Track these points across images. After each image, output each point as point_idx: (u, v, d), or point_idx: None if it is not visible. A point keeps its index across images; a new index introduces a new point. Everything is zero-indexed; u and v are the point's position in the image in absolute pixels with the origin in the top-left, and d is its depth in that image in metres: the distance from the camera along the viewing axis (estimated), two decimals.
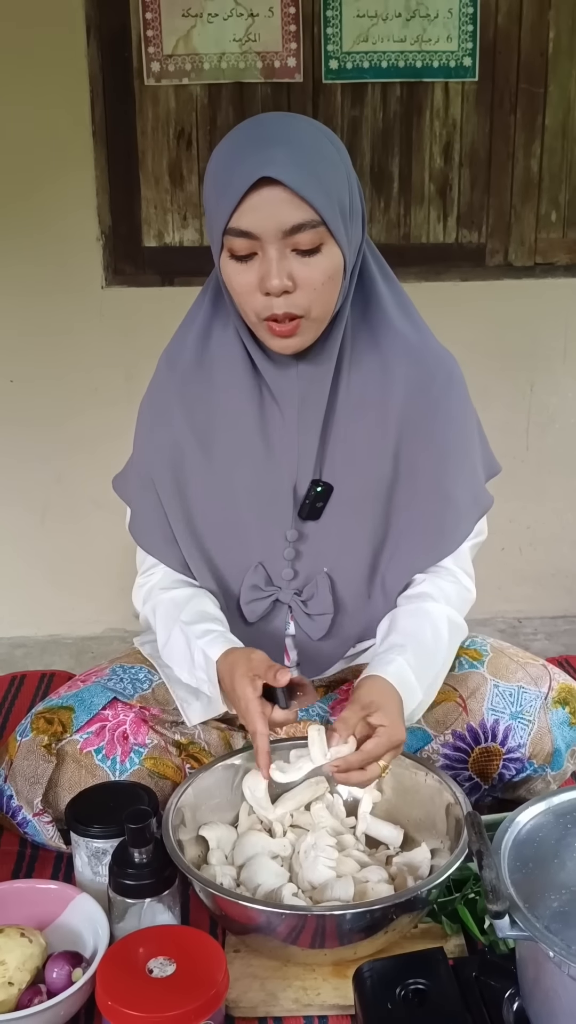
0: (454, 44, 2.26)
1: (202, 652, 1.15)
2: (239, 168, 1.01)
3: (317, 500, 1.20)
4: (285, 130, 1.04)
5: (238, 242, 1.04)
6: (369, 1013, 0.90)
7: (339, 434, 1.19)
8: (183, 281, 2.31)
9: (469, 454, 1.24)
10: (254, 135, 1.03)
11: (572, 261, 2.41)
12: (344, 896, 1.04)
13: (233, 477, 1.21)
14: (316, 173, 1.02)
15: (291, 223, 1.01)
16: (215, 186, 1.05)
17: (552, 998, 0.79)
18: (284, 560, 1.23)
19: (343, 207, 1.05)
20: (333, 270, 1.06)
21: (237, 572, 1.24)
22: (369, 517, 1.21)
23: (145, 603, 1.29)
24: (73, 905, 1.06)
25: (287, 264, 1.04)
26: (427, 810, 1.14)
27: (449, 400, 1.20)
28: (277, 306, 1.05)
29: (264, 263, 1.04)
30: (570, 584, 2.65)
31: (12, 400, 2.44)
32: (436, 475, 1.20)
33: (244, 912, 0.98)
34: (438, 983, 0.91)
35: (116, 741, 1.23)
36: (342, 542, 1.22)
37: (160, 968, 0.92)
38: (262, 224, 1.02)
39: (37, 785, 1.20)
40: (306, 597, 1.24)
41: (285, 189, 1.00)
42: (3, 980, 0.95)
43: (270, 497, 1.21)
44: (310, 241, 1.03)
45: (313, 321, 1.09)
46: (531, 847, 0.89)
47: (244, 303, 1.09)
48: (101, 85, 2.27)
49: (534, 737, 1.25)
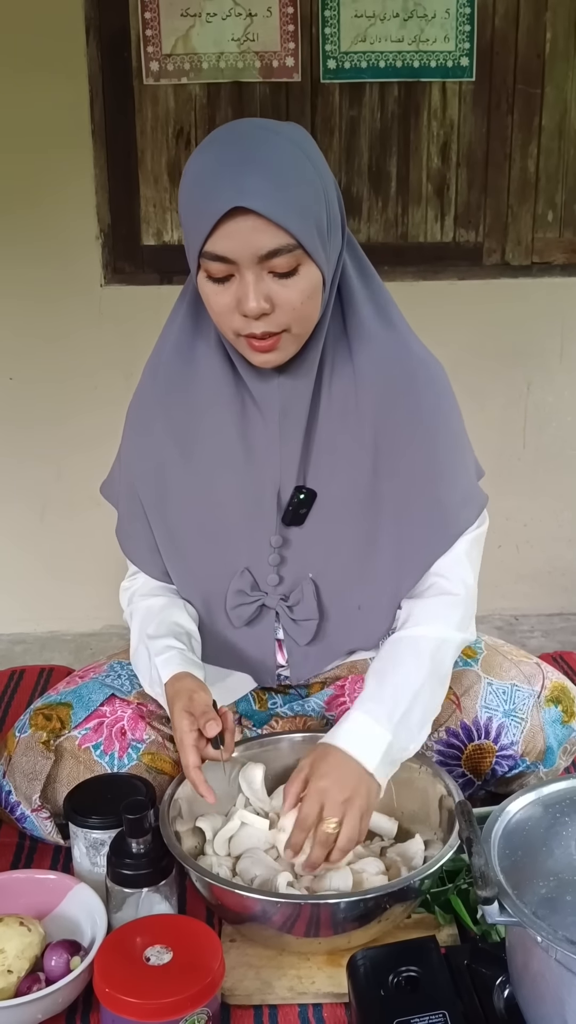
0: (451, 44, 2.27)
1: (156, 670, 1.17)
2: (213, 194, 0.98)
3: (300, 506, 1.19)
4: (258, 150, 1.00)
5: (214, 266, 1.02)
6: (362, 1000, 0.92)
7: (321, 441, 1.18)
8: (182, 280, 2.27)
9: (457, 453, 1.22)
10: (228, 156, 1.00)
11: (568, 261, 2.42)
12: (343, 886, 1.06)
13: (216, 484, 1.20)
14: (291, 197, 0.99)
15: (267, 249, 0.99)
16: (190, 207, 1.03)
17: (540, 982, 0.80)
18: (269, 565, 1.22)
19: (320, 225, 1.03)
20: (311, 289, 1.04)
21: (223, 578, 1.24)
22: (354, 522, 1.20)
23: (127, 606, 1.32)
24: (71, 895, 1.08)
25: (264, 286, 1.02)
26: (421, 802, 1.16)
27: (430, 402, 1.18)
28: (255, 327, 1.04)
29: (241, 286, 1.02)
30: (566, 582, 2.66)
31: (11, 398, 2.45)
32: (422, 479, 1.18)
33: (240, 901, 0.99)
34: (430, 971, 0.93)
35: (114, 737, 1.24)
36: (327, 548, 1.21)
37: (157, 956, 0.94)
38: (237, 250, 1.00)
39: (35, 781, 1.22)
40: (292, 602, 1.23)
41: (259, 216, 0.98)
42: (2, 968, 0.97)
43: (254, 503, 1.20)
44: (287, 264, 1.01)
45: (294, 336, 1.07)
46: (520, 836, 0.90)
47: (222, 322, 1.07)
48: (100, 85, 2.28)
49: (527, 735, 1.26)
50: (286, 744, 1.24)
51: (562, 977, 0.77)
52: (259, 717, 1.33)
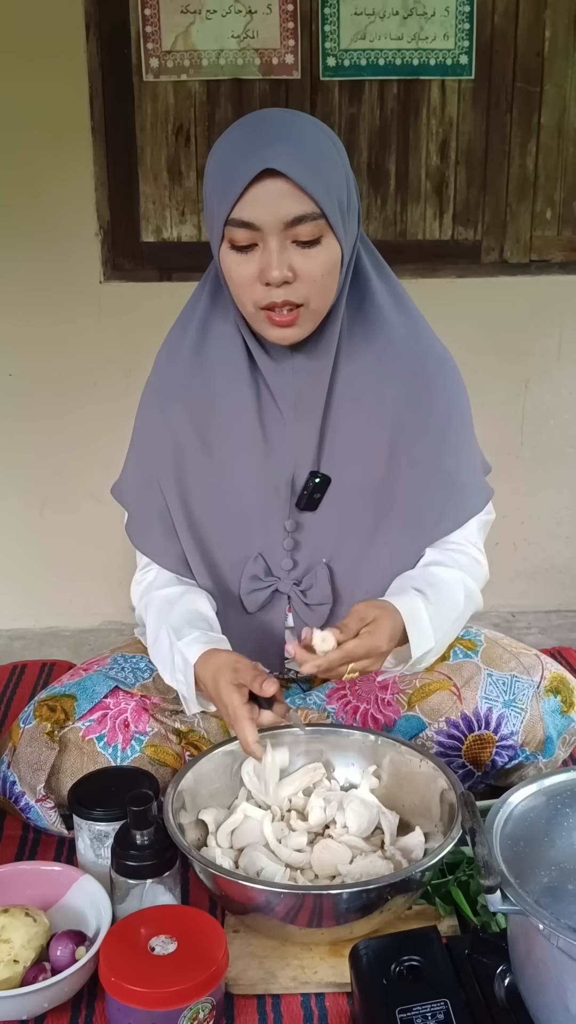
0: (451, 42, 2.28)
1: (181, 655, 1.16)
2: (243, 160, 1.03)
3: (315, 491, 1.22)
4: (287, 126, 1.06)
5: (239, 233, 1.06)
6: (365, 989, 0.93)
7: (336, 426, 1.21)
8: (181, 276, 2.33)
9: (466, 438, 1.27)
10: (256, 130, 1.06)
11: (567, 259, 2.43)
12: (340, 864, 1.07)
13: (232, 469, 1.23)
14: (317, 168, 1.04)
15: (293, 215, 1.04)
16: (218, 177, 1.07)
17: (542, 971, 0.81)
18: (283, 550, 1.25)
19: (341, 202, 1.08)
20: (332, 263, 1.09)
21: (237, 563, 1.26)
22: (368, 507, 1.23)
23: (140, 600, 1.32)
24: (76, 886, 1.08)
25: (287, 255, 1.06)
26: (422, 796, 1.17)
27: (443, 387, 1.23)
28: (277, 295, 1.07)
29: (265, 254, 1.06)
30: (564, 579, 2.67)
31: (11, 394, 2.46)
32: (436, 462, 1.22)
33: (243, 892, 1.00)
34: (432, 960, 0.94)
35: (117, 729, 1.25)
36: (340, 532, 1.24)
37: (162, 946, 0.95)
38: (264, 215, 1.04)
39: (40, 771, 1.22)
40: (305, 587, 1.26)
41: (287, 181, 1.02)
42: (9, 958, 0.97)
43: (269, 488, 1.23)
44: (310, 233, 1.05)
45: (312, 312, 1.11)
46: (522, 826, 0.91)
47: (243, 294, 1.10)
48: (100, 81, 2.28)
49: (526, 725, 1.28)
50: (289, 739, 1.25)
51: (564, 965, 0.78)
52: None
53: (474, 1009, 0.90)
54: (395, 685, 1.32)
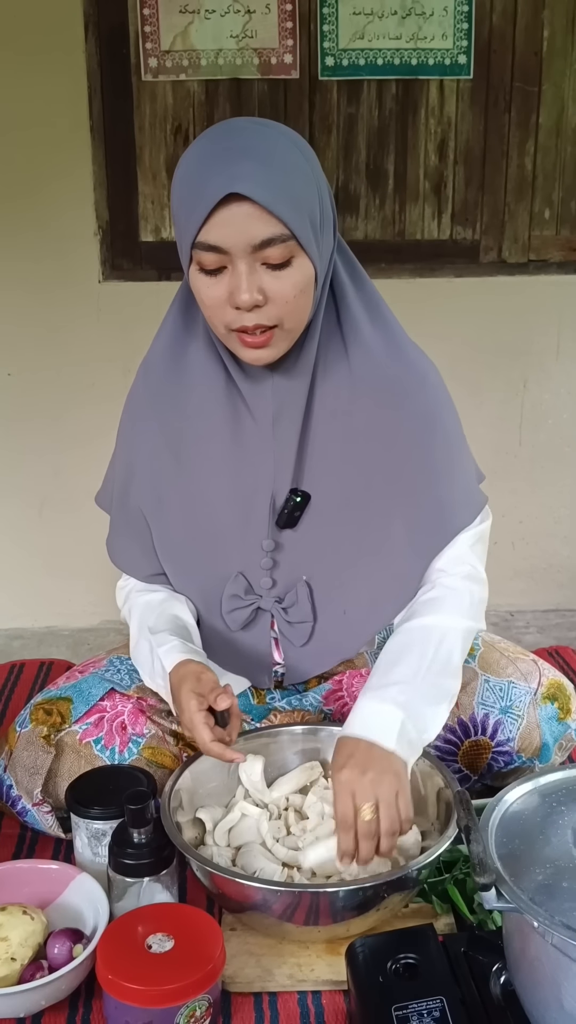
0: (449, 42, 2.28)
1: (159, 661, 1.17)
2: (207, 181, 0.98)
3: (295, 509, 1.19)
4: (253, 141, 1.00)
5: (207, 256, 1.01)
6: (361, 987, 0.93)
7: (315, 444, 1.18)
8: (180, 276, 2.30)
9: (454, 452, 1.22)
10: (222, 147, 1.00)
11: (565, 258, 2.43)
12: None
13: (207, 488, 1.20)
14: (285, 187, 0.99)
15: (260, 238, 0.99)
16: (183, 198, 1.02)
17: (537, 968, 0.82)
18: (262, 569, 1.23)
19: (313, 219, 1.03)
20: (304, 283, 1.04)
21: (218, 581, 1.25)
22: (348, 525, 1.20)
23: (124, 604, 1.32)
24: (74, 884, 1.09)
25: (257, 278, 1.01)
26: (418, 794, 1.17)
27: (425, 404, 1.18)
28: (248, 319, 1.03)
29: (234, 277, 1.01)
30: (562, 578, 2.67)
31: (10, 394, 2.46)
32: (418, 480, 1.18)
33: (240, 890, 1.00)
34: (428, 958, 0.94)
35: (114, 731, 1.25)
36: (320, 550, 1.21)
37: (159, 944, 0.95)
38: (231, 239, 0.99)
39: (37, 775, 1.22)
40: (287, 605, 1.24)
41: (254, 204, 0.97)
42: (6, 956, 0.98)
43: (246, 507, 1.20)
44: (280, 255, 1.01)
45: (286, 332, 1.07)
46: (518, 824, 0.92)
47: (214, 316, 1.06)
48: (99, 81, 2.28)
49: (523, 732, 1.27)
50: (285, 737, 1.25)
51: (558, 961, 0.78)
52: (257, 712, 1.34)
53: (470, 1006, 0.90)
54: None
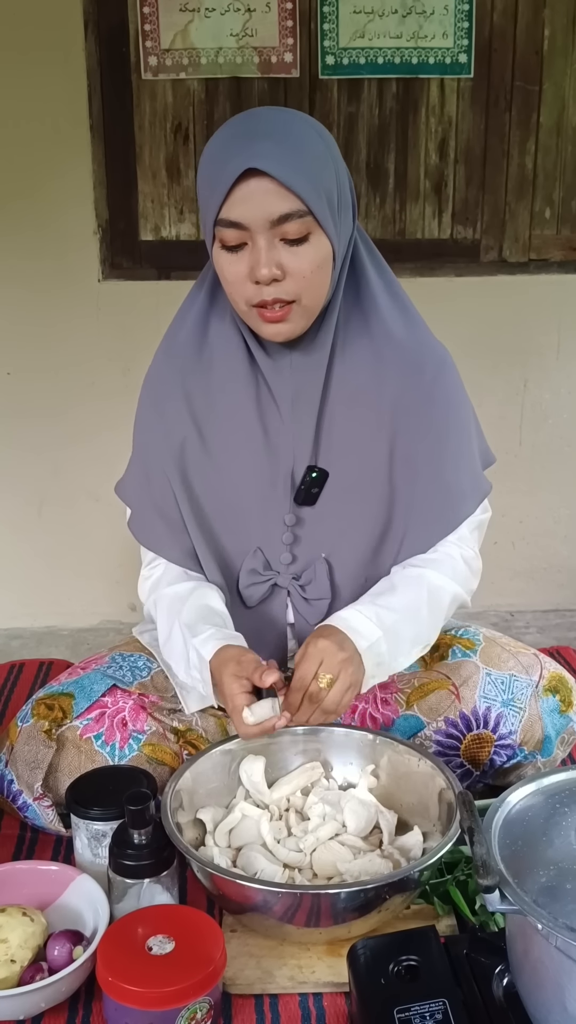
0: (450, 41, 2.28)
1: (196, 652, 1.17)
2: (228, 160, 1.04)
3: (312, 486, 1.23)
4: (273, 123, 1.07)
5: (228, 232, 1.07)
6: (363, 989, 0.92)
7: (333, 422, 1.22)
8: (180, 275, 2.33)
9: (465, 439, 1.27)
10: (243, 129, 1.07)
11: (566, 258, 2.43)
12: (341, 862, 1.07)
13: (231, 463, 1.24)
14: (302, 165, 1.05)
15: (278, 213, 1.05)
16: (206, 177, 1.08)
17: (540, 970, 0.81)
18: (283, 544, 1.26)
19: (331, 198, 1.08)
20: (321, 259, 1.10)
21: (237, 556, 1.27)
22: (367, 503, 1.24)
23: (149, 596, 1.31)
24: (74, 886, 1.08)
25: (276, 253, 1.07)
26: (420, 795, 1.17)
27: (443, 387, 1.23)
28: (267, 293, 1.09)
29: (253, 252, 1.07)
30: (562, 578, 2.67)
31: (9, 392, 2.46)
32: (434, 461, 1.23)
33: (241, 891, 1.00)
34: (430, 960, 0.94)
35: (115, 727, 1.25)
36: (340, 528, 1.25)
37: (159, 946, 0.94)
38: (250, 214, 1.05)
39: (38, 770, 1.22)
40: (304, 582, 1.27)
41: (272, 180, 1.03)
42: (5, 958, 0.97)
43: (268, 483, 1.23)
44: (297, 231, 1.06)
45: (304, 308, 1.12)
46: (521, 825, 0.91)
47: (235, 292, 1.12)
48: (99, 80, 2.28)
49: (525, 724, 1.27)
50: (287, 738, 1.25)
51: (562, 964, 0.78)
52: None
53: (472, 1009, 0.90)
54: (393, 684, 1.32)
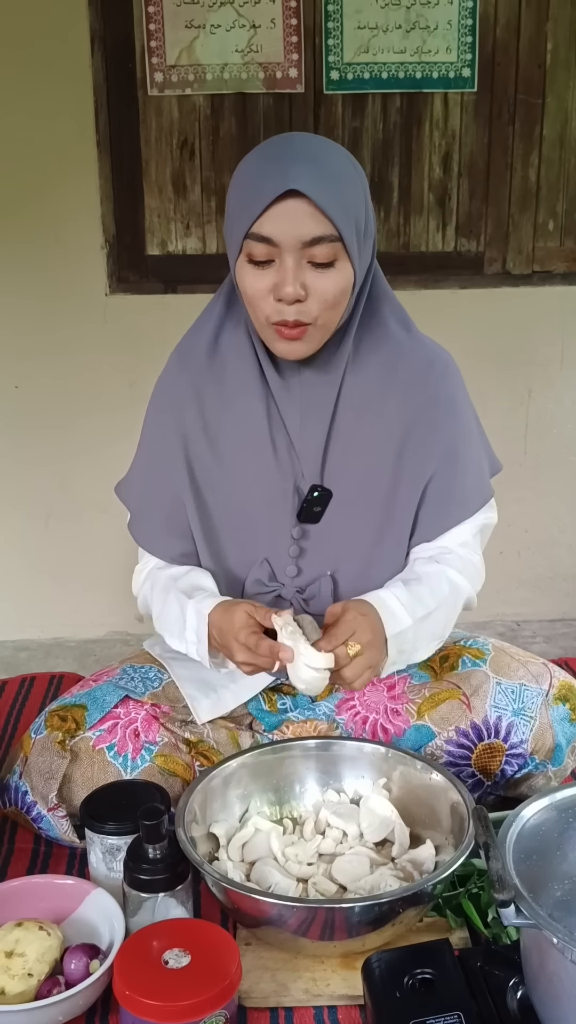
0: (453, 55, 2.29)
1: (195, 610, 1.19)
2: (268, 178, 1.07)
3: (314, 504, 1.24)
4: (313, 149, 1.11)
5: (258, 247, 1.09)
6: (378, 1002, 0.93)
7: (340, 439, 1.24)
8: (186, 289, 2.34)
9: (471, 446, 1.29)
10: (283, 150, 1.10)
11: (569, 269, 2.44)
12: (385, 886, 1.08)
13: (240, 472, 1.25)
14: (339, 192, 1.08)
15: (311, 235, 1.08)
16: (242, 191, 1.11)
17: (556, 983, 0.82)
18: (289, 557, 1.27)
19: (359, 227, 1.11)
20: (344, 285, 1.12)
21: (243, 567, 1.28)
22: (372, 518, 1.26)
23: (144, 582, 1.33)
24: (89, 899, 1.09)
25: (302, 274, 1.10)
26: (432, 808, 1.17)
27: (448, 389, 1.26)
28: (288, 313, 1.11)
29: (280, 270, 1.10)
30: (568, 587, 2.68)
31: (17, 405, 2.47)
32: (441, 464, 1.25)
33: (256, 905, 1.00)
34: (444, 973, 0.94)
35: (128, 738, 1.26)
36: (346, 543, 1.26)
37: (175, 959, 0.95)
38: (283, 233, 1.08)
39: (52, 780, 1.23)
40: (308, 596, 1.28)
41: (309, 203, 1.06)
42: (23, 971, 0.98)
43: (276, 495, 1.25)
44: (326, 255, 1.09)
45: (319, 329, 1.14)
46: (535, 840, 0.92)
47: (256, 306, 1.14)
48: (105, 95, 2.29)
49: (536, 733, 1.28)
50: (298, 750, 1.25)
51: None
52: (269, 720, 1.34)
53: (487, 1022, 0.90)
54: (404, 695, 1.33)
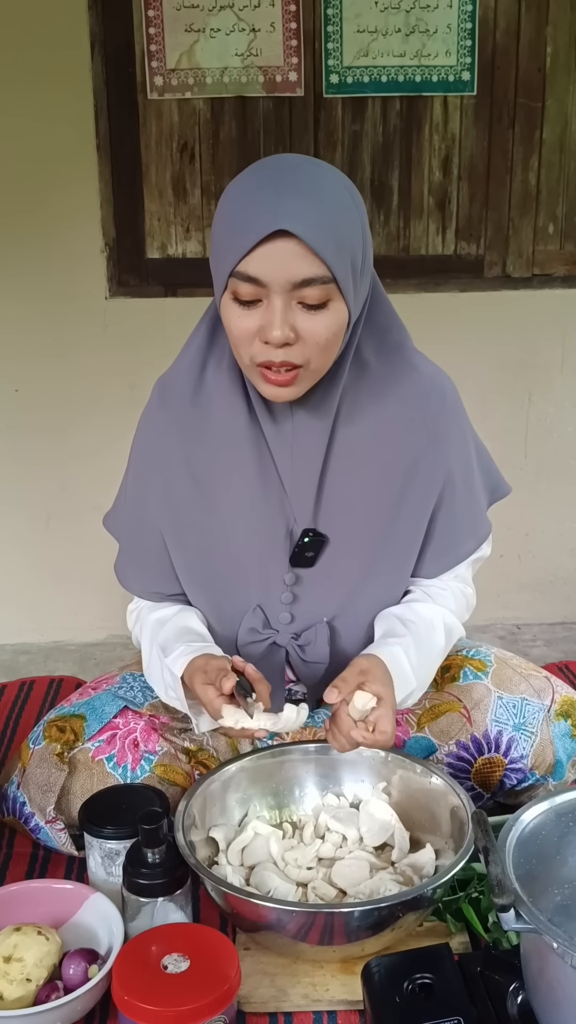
0: (453, 59, 2.29)
1: (169, 671, 1.16)
2: (257, 213, 0.98)
3: (307, 549, 1.19)
4: (305, 179, 1.00)
5: (244, 287, 1.01)
6: (378, 1007, 0.93)
7: (334, 484, 1.17)
8: (186, 292, 2.34)
9: (470, 477, 1.24)
10: (273, 180, 1.00)
11: (569, 272, 2.44)
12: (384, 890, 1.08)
13: (230, 517, 1.20)
14: (332, 229, 0.99)
15: (301, 277, 0.99)
16: (229, 225, 1.01)
17: (556, 988, 0.82)
18: (282, 604, 1.23)
19: (355, 264, 1.03)
20: (338, 326, 1.04)
21: (236, 614, 1.24)
22: (368, 562, 1.21)
23: (135, 625, 1.32)
24: (88, 904, 1.09)
25: (291, 316, 1.01)
26: (432, 812, 1.17)
27: (445, 425, 1.19)
28: (275, 355, 1.03)
29: (268, 312, 1.01)
30: (568, 591, 2.67)
31: (17, 408, 2.47)
32: (440, 505, 1.21)
33: (255, 910, 1.00)
34: (444, 978, 0.94)
35: (127, 749, 1.25)
36: (341, 590, 1.22)
37: (174, 964, 0.95)
38: (271, 273, 0.99)
39: (50, 793, 1.22)
40: (304, 643, 1.24)
41: (299, 243, 0.97)
42: (21, 977, 0.98)
43: (268, 541, 1.20)
44: (318, 297, 1.00)
45: (311, 372, 1.06)
46: (534, 844, 0.92)
47: (241, 347, 1.05)
48: (105, 99, 2.30)
49: (536, 749, 1.27)
50: (298, 754, 1.25)
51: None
52: None
53: None
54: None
